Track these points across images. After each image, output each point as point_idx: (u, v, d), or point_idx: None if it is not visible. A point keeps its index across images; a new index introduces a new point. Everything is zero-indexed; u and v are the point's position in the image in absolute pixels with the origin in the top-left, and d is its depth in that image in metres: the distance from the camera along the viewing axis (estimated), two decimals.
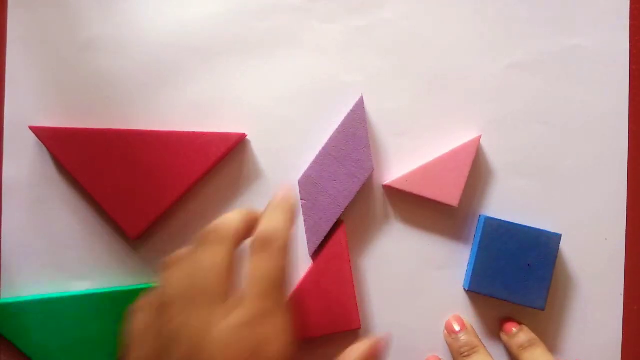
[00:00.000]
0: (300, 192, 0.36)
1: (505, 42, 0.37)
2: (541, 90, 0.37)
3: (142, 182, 0.35)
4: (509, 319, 0.37)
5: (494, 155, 0.37)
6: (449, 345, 0.36)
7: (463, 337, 0.35)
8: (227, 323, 0.22)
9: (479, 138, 0.36)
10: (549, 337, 0.37)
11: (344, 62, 0.37)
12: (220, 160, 0.36)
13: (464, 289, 0.37)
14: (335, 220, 0.36)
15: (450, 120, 0.37)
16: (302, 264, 0.36)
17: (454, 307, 0.37)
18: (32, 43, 0.37)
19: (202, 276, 0.24)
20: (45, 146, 0.35)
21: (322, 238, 0.36)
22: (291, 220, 0.28)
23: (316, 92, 0.37)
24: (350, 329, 0.35)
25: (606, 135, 0.37)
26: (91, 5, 0.37)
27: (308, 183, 0.36)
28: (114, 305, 0.34)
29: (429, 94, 0.37)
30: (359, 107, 0.35)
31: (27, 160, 0.36)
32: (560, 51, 0.37)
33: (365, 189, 0.36)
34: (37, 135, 0.35)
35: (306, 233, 0.36)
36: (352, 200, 0.35)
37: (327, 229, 0.36)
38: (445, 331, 0.36)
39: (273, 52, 0.37)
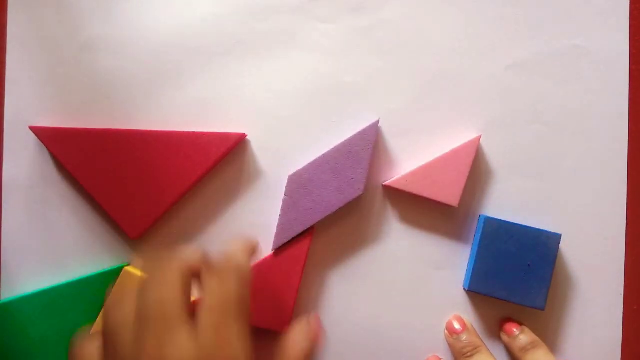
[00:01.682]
0: (286, 187, 0.36)
1: (505, 42, 0.37)
2: (541, 90, 0.37)
3: (142, 182, 0.35)
4: (509, 320, 0.37)
5: (494, 155, 0.37)
6: (451, 346, 0.36)
7: (465, 337, 0.35)
8: (180, 355, 0.21)
9: (479, 138, 0.36)
10: (549, 337, 0.37)
11: (344, 62, 0.37)
12: (220, 160, 0.36)
13: (464, 289, 0.37)
14: (310, 226, 0.36)
15: (450, 120, 0.37)
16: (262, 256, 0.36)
17: (454, 307, 0.37)
18: (32, 43, 0.37)
19: (153, 305, 0.22)
20: (45, 146, 0.35)
21: (290, 238, 0.36)
22: (250, 250, 0.28)
23: (316, 92, 0.37)
24: (277, 330, 0.35)
25: (606, 135, 0.37)
26: (91, 5, 0.37)
27: (297, 182, 0.35)
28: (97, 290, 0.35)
29: (429, 94, 0.37)
30: (372, 129, 0.35)
31: (27, 160, 0.36)
32: (560, 51, 0.37)
33: (365, 188, 0.36)
34: (37, 135, 0.35)
35: (277, 227, 0.36)
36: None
37: (299, 230, 0.36)
38: (447, 331, 0.36)
39: (273, 52, 0.37)
